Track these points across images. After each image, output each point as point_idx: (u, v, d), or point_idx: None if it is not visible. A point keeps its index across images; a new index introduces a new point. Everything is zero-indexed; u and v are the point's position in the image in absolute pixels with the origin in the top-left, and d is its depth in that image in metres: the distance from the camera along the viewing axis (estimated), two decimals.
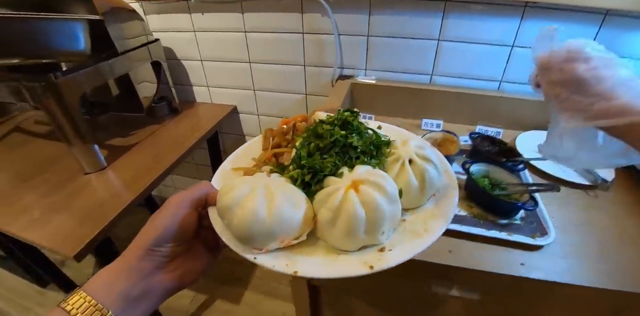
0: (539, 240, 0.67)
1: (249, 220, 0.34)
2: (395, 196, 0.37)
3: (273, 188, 0.36)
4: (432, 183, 0.41)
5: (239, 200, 0.35)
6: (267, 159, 0.48)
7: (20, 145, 1.22)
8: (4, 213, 0.91)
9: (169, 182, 1.82)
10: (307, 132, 0.45)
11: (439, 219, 0.39)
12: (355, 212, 0.34)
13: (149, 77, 1.23)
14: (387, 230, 0.37)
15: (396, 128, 0.55)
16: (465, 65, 1.01)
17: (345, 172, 0.39)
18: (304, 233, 0.37)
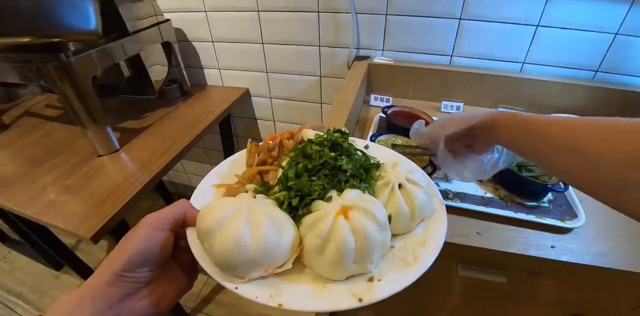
0: (569, 223, 0.64)
1: (232, 247, 0.31)
2: (385, 223, 0.35)
3: (258, 212, 0.34)
4: (422, 208, 0.40)
5: (221, 223, 0.32)
6: (251, 177, 0.45)
7: (33, 129, 1.19)
8: (20, 196, 0.90)
9: (179, 166, 1.79)
10: (295, 151, 0.42)
11: (429, 247, 0.37)
12: (345, 241, 0.32)
13: (160, 59, 1.19)
14: (376, 258, 0.35)
15: (383, 148, 0.53)
16: (486, 46, 0.96)
17: (334, 196, 0.37)
18: (290, 261, 0.34)
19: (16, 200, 0.90)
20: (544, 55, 0.93)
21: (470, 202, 0.70)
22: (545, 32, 0.89)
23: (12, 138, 1.16)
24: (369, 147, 0.50)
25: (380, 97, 1.02)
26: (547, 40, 0.90)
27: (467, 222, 0.67)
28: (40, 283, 1.58)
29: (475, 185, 0.74)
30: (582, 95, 0.92)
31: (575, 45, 0.89)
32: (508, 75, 0.95)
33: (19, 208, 0.89)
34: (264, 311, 1.44)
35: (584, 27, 0.86)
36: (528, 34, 0.91)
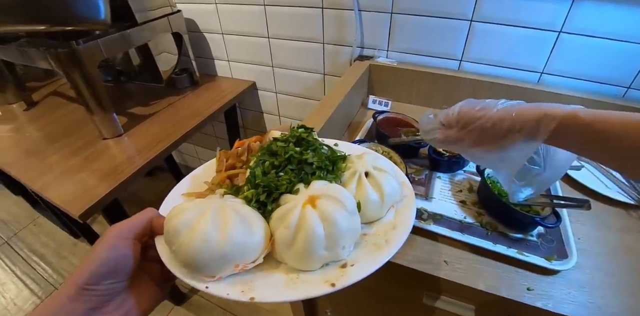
0: (556, 264, 0.53)
1: (199, 244, 0.29)
2: (353, 208, 0.35)
3: (226, 210, 0.32)
4: (391, 194, 0.39)
5: (188, 223, 0.31)
6: (220, 182, 0.43)
7: (55, 109, 1.23)
8: (31, 170, 0.94)
9: (193, 152, 1.79)
10: (261, 150, 0.42)
11: (399, 229, 0.36)
12: (314, 228, 0.31)
13: (170, 48, 1.16)
14: (347, 244, 0.34)
15: (353, 145, 0.52)
16: (500, 52, 0.83)
17: (301, 188, 0.36)
18: (261, 256, 0.33)
19: (27, 174, 0.93)
20: (566, 65, 0.79)
21: (445, 225, 0.60)
22: (569, 39, 0.75)
23: (36, 116, 1.20)
24: (338, 145, 0.49)
25: (379, 100, 0.92)
26: (570, 48, 0.76)
27: (437, 247, 0.58)
28: (61, 248, 1.66)
29: (456, 207, 0.64)
30: None
31: (604, 57, 0.74)
32: (523, 85, 0.82)
33: (28, 182, 0.92)
34: None
35: (615, 36, 0.70)
36: (549, 41, 0.77)
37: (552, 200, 0.58)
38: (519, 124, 0.36)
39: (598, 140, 0.34)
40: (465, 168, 0.72)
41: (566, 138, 0.36)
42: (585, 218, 0.61)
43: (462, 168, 0.72)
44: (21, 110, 1.23)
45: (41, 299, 1.46)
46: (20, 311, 1.41)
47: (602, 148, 0.34)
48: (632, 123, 0.32)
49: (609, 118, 0.33)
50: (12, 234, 1.76)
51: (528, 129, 0.36)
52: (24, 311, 1.41)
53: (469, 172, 0.71)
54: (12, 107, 1.25)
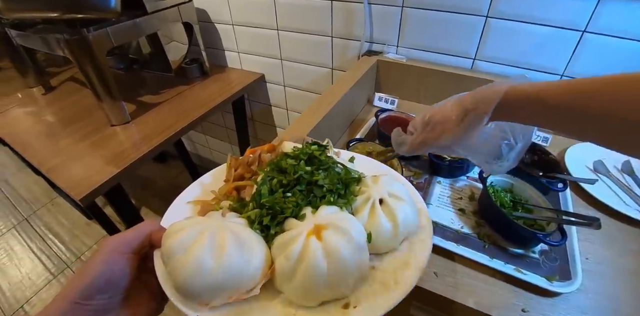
0: (557, 285, 0.47)
1: (192, 272, 0.27)
2: (362, 243, 0.31)
3: (224, 233, 0.30)
4: (405, 225, 0.35)
5: (184, 244, 0.28)
6: (227, 193, 0.40)
7: (70, 94, 1.24)
8: (42, 153, 0.95)
9: (204, 141, 1.78)
10: (270, 165, 0.38)
11: (411, 269, 0.32)
12: (316, 264, 0.28)
13: (181, 38, 1.14)
14: (351, 282, 0.30)
15: (370, 160, 0.47)
16: (518, 51, 0.75)
17: (308, 214, 0.33)
18: (258, 286, 0.29)
19: (38, 157, 0.95)
20: (590, 68, 0.71)
21: (439, 234, 0.55)
22: (594, 40, 0.67)
23: (52, 100, 1.22)
24: (355, 159, 0.45)
25: (385, 97, 0.87)
26: (594, 50, 0.68)
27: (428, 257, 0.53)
28: (75, 228, 1.70)
29: (453, 215, 0.59)
30: None
31: (632, 60, 0.66)
32: None
33: (38, 164, 0.93)
34: None
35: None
36: (571, 41, 0.69)
37: (560, 215, 0.52)
38: (469, 106, 0.37)
39: (545, 110, 0.33)
40: (469, 174, 0.66)
41: (510, 112, 0.36)
42: (596, 237, 0.55)
43: (464, 173, 0.66)
44: (40, 94, 1.25)
45: (54, 275, 1.50)
46: (33, 286, 1.46)
47: (555, 118, 0.33)
48: (578, 89, 0.31)
49: (552, 87, 0.32)
50: (31, 212, 1.82)
51: (477, 110, 0.36)
52: (37, 286, 1.46)
53: (472, 178, 0.66)
54: (32, 90, 1.27)
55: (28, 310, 1.37)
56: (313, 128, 0.64)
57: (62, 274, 1.50)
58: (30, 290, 1.44)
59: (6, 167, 2.17)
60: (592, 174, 0.66)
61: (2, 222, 1.77)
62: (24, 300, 1.40)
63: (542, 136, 0.73)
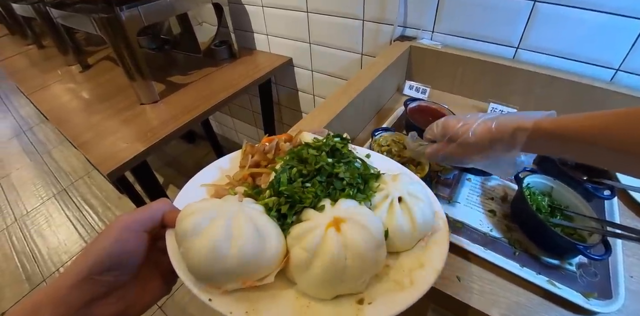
0: (595, 304, 0.42)
1: (208, 256, 0.26)
2: (381, 239, 0.30)
3: (241, 218, 0.28)
4: (423, 226, 0.33)
5: (200, 227, 0.27)
6: (242, 179, 0.39)
7: (105, 72, 1.26)
8: (76, 128, 0.97)
9: (231, 124, 1.78)
10: (291, 154, 0.37)
11: (427, 270, 0.31)
12: (335, 257, 0.27)
13: (210, 19, 1.11)
14: (368, 277, 0.29)
15: (386, 159, 0.44)
16: (568, 41, 0.66)
17: (327, 206, 0.31)
18: (272, 274, 0.28)
19: (72, 131, 0.97)
20: None
21: (466, 236, 0.50)
22: None
23: (88, 78, 1.24)
24: (370, 157, 0.43)
25: (416, 86, 0.80)
26: None
27: (451, 259, 0.48)
28: (107, 200, 1.77)
29: (483, 217, 0.53)
30: None
31: None
32: (592, 83, 0.65)
33: (71, 138, 0.95)
34: None
35: None
36: (630, 31, 0.59)
37: (604, 226, 0.45)
38: (498, 136, 0.38)
39: (562, 146, 0.34)
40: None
41: (538, 146, 0.36)
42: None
43: None
44: (77, 71, 1.28)
45: (87, 242, 1.57)
46: (68, 252, 1.54)
47: (572, 152, 0.34)
48: (594, 125, 0.31)
49: (569, 124, 0.32)
50: (69, 183, 1.91)
51: (506, 141, 0.37)
52: (72, 252, 1.53)
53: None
54: (71, 68, 1.30)
55: None
56: (337, 116, 0.59)
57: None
58: (66, 255, 1.52)
59: (49, 141, 2.28)
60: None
61: (44, 190, 1.87)
62: (59, 263, 1.49)
63: None
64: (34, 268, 1.48)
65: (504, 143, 0.38)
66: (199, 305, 1.32)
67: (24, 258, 1.53)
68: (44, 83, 1.21)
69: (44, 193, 1.86)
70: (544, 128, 0.34)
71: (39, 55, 1.47)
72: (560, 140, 0.33)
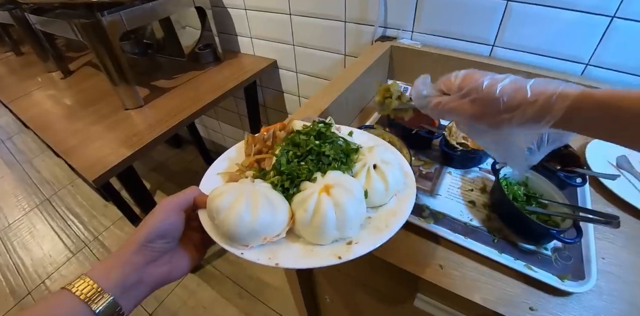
0: (569, 284, 0.45)
1: (236, 223, 0.36)
2: (361, 197, 0.39)
3: (257, 194, 0.38)
4: (394, 185, 0.43)
5: (227, 203, 0.37)
6: (250, 165, 0.48)
7: (87, 78, 1.26)
8: (58, 134, 0.97)
9: (218, 128, 1.78)
10: (286, 141, 0.46)
11: (397, 217, 0.41)
12: (327, 213, 0.36)
13: (194, 23, 1.12)
14: (354, 226, 0.38)
15: (366, 134, 0.53)
16: (540, 37, 0.70)
17: (318, 177, 0.40)
18: (284, 231, 0.38)
19: (55, 138, 0.97)
20: (619, 57, 0.65)
21: (447, 226, 0.53)
22: (625, 26, 0.61)
23: (70, 84, 1.23)
24: (353, 134, 0.52)
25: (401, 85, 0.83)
26: (624, 37, 0.62)
27: (434, 249, 0.51)
28: (93, 208, 1.75)
29: (463, 207, 0.56)
30: None
31: None
32: (565, 78, 0.68)
33: (54, 145, 0.95)
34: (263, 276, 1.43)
35: None
36: (599, 27, 0.63)
37: (576, 211, 0.48)
38: (532, 98, 0.31)
39: (614, 118, 0.29)
40: (481, 166, 0.63)
41: (579, 117, 0.30)
42: (615, 236, 0.51)
43: (477, 165, 0.63)
44: (58, 78, 1.27)
45: (73, 253, 1.56)
46: (54, 263, 1.52)
47: (620, 126, 0.29)
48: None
49: (627, 95, 0.28)
50: (52, 193, 1.88)
51: (540, 106, 0.31)
52: (58, 263, 1.51)
53: (485, 169, 0.62)
54: (51, 75, 1.30)
55: (49, 285, 1.43)
56: (320, 114, 0.62)
57: (80, 252, 1.56)
58: (52, 267, 1.50)
59: (31, 149, 2.25)
60: (615, 170, 0.61)
61: (26, 201, 1.84)
62: (45, 275, 1.47)
63: None
64: (18, 281, 1.45)
65: (535, 109, 0.31)
66: (189, 310, 1.32)
67: (7, 271, 1.50)
68: (24, 91, 1.20)
69: (26, 204, 1.83)
70: (594, 97, 0.29)
71: (18, 62, 1.46)
72: (613, 112, 0.28)
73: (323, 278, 0.79)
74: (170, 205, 0.39)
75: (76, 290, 0.32)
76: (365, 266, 0.60)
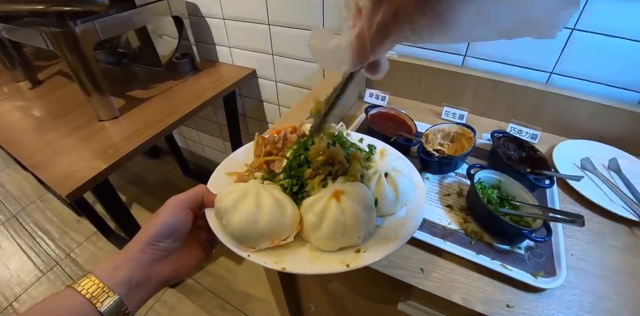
0: (542, 281, 0.48)
1: (245, 224, 0.36)
2: (371, 205, 0.39)
3: (265, 195, 0.38)
4: (404, 195, 0.43)
5: (235, 204, 0.36)
6: (259, 166, 0.48)
7: (58, 88, 1.22)
8: (27, 148, 0.93)
9: (196, 138, 1.76)
10: (298, 144, 0.44)
11: (407, 228, 0.40)
12: (336, 218, 0.36)
13: (171, 32, 1.12)
14: (363, 234, 0.38)
15: (376, 140, 0.53)
16: (507, 48, 0.75)
17: (329, 183, 0.40)
18: (291, 235, 0.38)
19: (23, 152, 0.93)
20: (579, 66, 0.71)
21: (427, 230, 0.55)
22: (583, 37, 0.67)
23: (39, 94, 1.19)
24: (363, 140, 0.52)
25: (376, 93, 0.86)
26: (584, 48, 0.68)
27: (415, 253, 0.53)
28: (65, 224, 1.68)
29: (441, 212, 0.59)
30: (623, 122, 0.69)
31: (623, 59, 0.66)
32: (529, 85, 0.74)
33: (23, 159, 0.91)
34: (245, 288, 1.41)
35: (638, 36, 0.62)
36: (561, 39, 0.69)
37: (546, 212, 0.52)
38: None
39: None
40: (457, 171, 0.66)
41: None
42: (582, 234, 0.55)
43: (453, 170, 0.66)
44: (26, 88, 1.23)
45: (43, 272, 1.48)
46: (22, 283, 1.44)
47: None
48: None
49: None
50: (20, 208, 1.79)
51: None
52: (27, 283, 1.44)
53: (461, 174, 0.65)
54: (19, 85, 1.25)
55: (17, 307, 1.35)
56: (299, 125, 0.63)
57: (51, 271, 1.49)
58: (19, 288, 1.42)
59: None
60: (580, 171, 0.66)
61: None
62: (12, 297, 1.39)
63: (531, 133, 0.73)
64: None
65: None
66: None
67: None
68: None
69: None
70: None
71: None
72: None
73: (309, 285, 0.80)
74: (178, 203, 0.39)
75: (82, 289, 0.32)
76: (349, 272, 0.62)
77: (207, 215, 0.40)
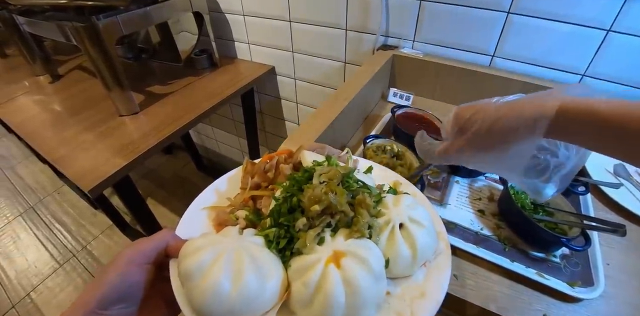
0: (579, 291, 0.46)
1: (210, 297, 0.27)
2: (380, 272, 0.30)
3: (243, 256, 0.29)
4: (424, 252, 0.33)
5: (202, 268, 0.28)
6: (244, 202, 0.39)
7: (78, 83, 1.21)
8: (48, 142, 0.93)
9: (211, 134, 1.76)
10: (291, 181, 0.35)
11: (427, 300, 0.31)
12: (335, 294, 0.27)
13: (191, 28, 1.11)
14: (368, 309, 0.29)
15: (386, 169, 0.45)
16: (538, 49, 0.72)
17: (327, 238, 0.31)
18: (275, 309, 0.29)
19: (45, 146, 0.93)
20: (613, 69, 0.68)
21: (459, 236, 0.54)
22: (619, 39, 0.64)
23: (59, 89, 1.19)
24: (372, 169, 0.43)
25: (400, 93, 0.84)
26: (619, 50, 0.65)
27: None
28: (81, 217, 1.69)
29: (473, 216, 0.57)
30: None
31: None
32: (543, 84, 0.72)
33: (45, 153, 0.91)
34: None
35: None
36: (595, 40, 0.66)
37: (583, 220, 0.50)
38: (514, 122, 0.32)
39: (616, 138, 0.28)
40: (487, 174, 0.64)
41: (574, 132, 0.30)
42: (616, 242, 0.53)
43: (483, 174, 0.64)
44: (47, 82, 1.23)
45: (60, 264, 1.49)
46: (40, 274, 1.45)
47: (622, 144, 0.28)
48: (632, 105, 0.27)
49: (630, 112, 0.27)
50: (37, 200, 1.81)
51: (525, 127, 0.31)
52: (43, 274, 1.45)
53: (491, 178, 0.64)
54: (39, 78, 1.25)
55: (35, 297, 1.37)
56: (329, 125, 0.62)
57: (67, 263, 1.50)
58: (37, 278, 1.44)
59: (13, 155, 2.15)
60: (613, 177, 0.64)
61: (9, 209, 1.76)
62: (30, 287, 1.40)
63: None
64: (1, 294, 1.38)
65: (522, 131, 0.32)
66: None
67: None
68: (9, 96, 1.15)
69: (8, 212, 1.75)
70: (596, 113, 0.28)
71: (3, 65, 1.40)
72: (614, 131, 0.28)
73: None
74: (135, 257, 0.30)
75: None
76: None
77: (171, 271, 0.31)
